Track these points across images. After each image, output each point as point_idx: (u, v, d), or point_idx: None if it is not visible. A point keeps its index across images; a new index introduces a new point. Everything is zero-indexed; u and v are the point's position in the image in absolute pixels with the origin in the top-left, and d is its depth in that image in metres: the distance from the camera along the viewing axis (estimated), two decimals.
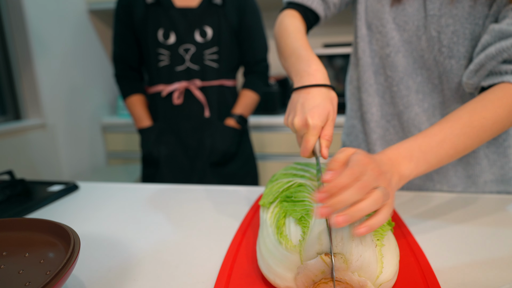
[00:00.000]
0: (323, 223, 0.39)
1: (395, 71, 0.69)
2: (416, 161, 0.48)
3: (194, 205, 0.70)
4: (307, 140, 0.49)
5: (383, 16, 0.68)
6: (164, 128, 1.25)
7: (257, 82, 1.31)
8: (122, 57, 1.26)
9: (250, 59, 1.29)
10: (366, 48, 0.72)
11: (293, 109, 0.52)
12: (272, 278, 0.40)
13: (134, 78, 1.29)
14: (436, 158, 0.49)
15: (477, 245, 0.51)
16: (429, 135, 0.50)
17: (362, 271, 0.36)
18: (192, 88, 1.21)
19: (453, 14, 0.62)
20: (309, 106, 0.50)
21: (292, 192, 0.48)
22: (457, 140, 0.50)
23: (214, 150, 1.24)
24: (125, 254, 0.51)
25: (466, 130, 0.50)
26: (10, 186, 0.74)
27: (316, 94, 0.51)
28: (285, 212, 0.45)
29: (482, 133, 0.51)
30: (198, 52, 1.19)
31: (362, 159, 0.40)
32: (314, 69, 0.54)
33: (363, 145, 0.80)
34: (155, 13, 1.17)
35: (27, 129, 1.78)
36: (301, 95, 0.52)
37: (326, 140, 0.50)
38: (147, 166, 1.29)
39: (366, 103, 0.75)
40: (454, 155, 0.50)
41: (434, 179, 0.75)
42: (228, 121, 1.26)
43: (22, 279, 0.40)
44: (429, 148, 0.49)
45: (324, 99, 0.51)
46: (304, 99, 0.51)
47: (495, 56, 0.55)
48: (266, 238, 0.44)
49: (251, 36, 1.26)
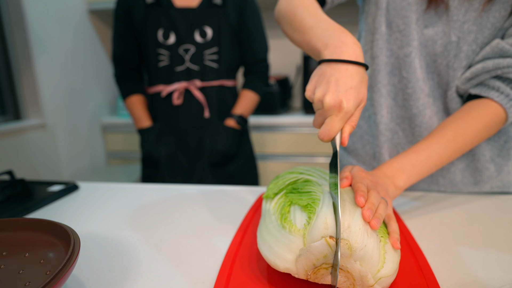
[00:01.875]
0: (330, 211, 0.39)
1: (413, 73, 0.68)
2: (408, 173, 0.56)
3: (194, 205, 0.70)
4: (333, 124, 0.44)
5: (407, 15, 0.66)
6: (164, 129, 1.25)
7: (257, 83, 1.31)
8: (122, 57, 1.26)
9: (250, 60, 1.29)
10: (384, 46, 0.70)
11: (326, 83, 0.45)
12: (272, 259, 0.40)
13: (134, 78, 1.29)
14: (425, 169, 0.57)
15: (477, 245, 0.51)
16: (418, 150, 0.58)
17: (364, 261, 0.36)
18: (192, 88, 1.21)
19: (478, 22, 0.62)
20: (346, 86, 0.44)
21: (299, 185, 0.48)
22: (442, 152, 0.58)
23: (214, 151, 1.23)
24: (125, 254, 0.51)
25: (450, 145, 0.58)
26: (10, 186, 0.74)
27: (354, 73, 0.45)
28: (291, 201, 0.45)
29: (463, 146, 0.59)
30: (198, 52, 1.19)
31: (362, 174, 0.49)
32: (352, 42, 0.46)
33: (368, 147, 0.78)
34: (155, 13, 1.17)
35: (27, 129, 1.78)
36: (336, 69, 0.45)
37: (352, 126, 0.45)
38: (147, 166, 1.29)
39: (377, 104, 0.73)
40: (440, 165, 0.58)
41: (439, 182, 0.75)
42: (228, 121, 1.26)
43: (22, 279, 0.40)
44: (419, 162, 0.57)
45: (361, 81, 0.45)
46: (341, 75, 0.44)
47: (490, 71, 0.61)
48: (269, 224, 0.44)
49: (251, 36, 1.25)
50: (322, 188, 0.46)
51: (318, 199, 0.42)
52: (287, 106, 2.26)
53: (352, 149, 0.82)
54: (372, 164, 0.79)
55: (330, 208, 0.40)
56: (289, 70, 2.42)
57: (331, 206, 0.41)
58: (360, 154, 0.80)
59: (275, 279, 0.42)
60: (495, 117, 0.60)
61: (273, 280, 0.42)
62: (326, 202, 0.41)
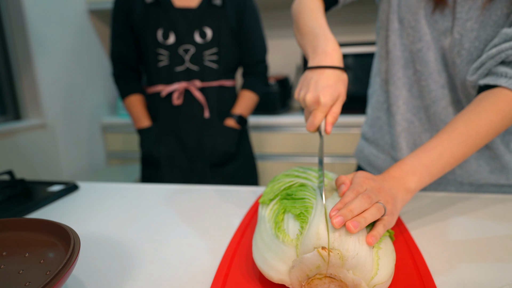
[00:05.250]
0: (322, 220, 0.39)
1: (425, 66, 0.70)
2: (419, 174, 0.51)
3: (193, 205, 0.70)
4: (315, 115, 0.53)
5: (417, 12, 0.68)
6: (164, 129, 1.25)
7: (257, 83, 1.32)
8: (120, 56, 1.25)
9: (249, 60, 1.30)
10: (397, 41, 0.73)
11: (306, 86, 0.55)
12: (266, 270, 0.40)
13: (132, 77, 1.28)
14: (437, 169, 0.52)
15: (477, 245, 0.51)
16: (428, 148, 0.53)
17: (357, 270, 0.36)
18: (192, 88, 1.21)
19: (480, 20, 0.62)
20: (322, 84, 0.53)
21: (293, 190, 0.48)
22: (455, 149, 0.53)
23: (215, 151, 1.24)
24: (125, 254, 0.51)
25: (462, 139, 0.54)
26: (10, 186, 0.74)
27: (330, 74, 0.54)
28: (285, 209, 0.45)
29: (478, 140, 0.54)
30: (197, 52, 1.19)
31: (361, 180, 0.46)
32: (331, 49, 0.56)
33: (387, 136, 0.81)
34: (154, 13, 1.17)
35: (27, 129, 1.78)
36: (316, 73, 0.55)
37: (333, 117, 0.53)
38: (147, 166, 1.29)
39: (393, 95, 0.76)
40: (454, 163, 0.54)
41: (456, 173, 0.75)
42: (227, 121, 1.26)
43: (22, 279, 0.40)
44: (430, 161, 0.52)
45: (337, 80, 0.54)
46: (318, 77, 0.54)
47: (494, 56, 0.58)
48: (263, 232, 0.44)
49: (250, 37, 1.27)
50: (316, 193, 0.46)
51: (311, 207, 0.42)
52: (287, 106, 2.26)
53: (373, 140, 0.86)
54: (391, 153, 0.81)
55: (322, 217, 0.40)
56: (289, 70, 2.42)
57: (323, 214, 0.41)
58: (379, 144, 0.84)
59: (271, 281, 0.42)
60: (509, 104, 0.55)
61: (269, 282, 0.42)
62: (319, 209, 0.41)
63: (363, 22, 2.23)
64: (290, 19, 2.32)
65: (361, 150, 0.90)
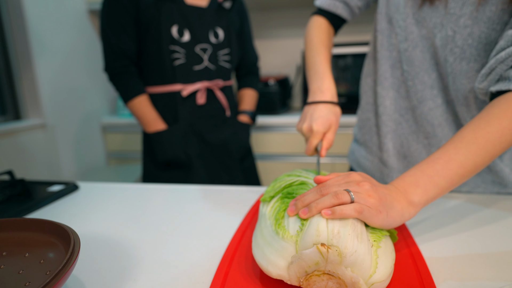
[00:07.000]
0: (322, 217, 0.39)
1: (412, 65, 0.70)
2: (423, 186, 0.47)
3: (194, 205, 0.70)
4: (310, 141, 0.64)
5: (403, 11, 0.68)
6: (189, 129, 1.21)
7: (256, 82, 1.44)
8: (122, 49, 1.13)
9: (248, 62, 1.40)
10: (385, 41, 0.73)
11: (304, 118, 0.67)
12: (265, 265, 0.40)
13: (135, 74, 1.18)
14: (445, 180, 0.48)
15: (477, 244, 0.51)
16: (433, 159, 0.49)
17: (356, 267, 0.36)
18: (214, 88, 1.23)
19: (473, 16, 0.61)
20: (316, 116, 0.65)
21: (294, 189, 0.48)
22: (464, 158, 0.48)
23: (238, 147, 1.28)
24: (125, 254, 0.51)
25: (471, 148, 0.49)
26: (10, 186, 0.74)
27: (323, 108, 0.65)
28: (285, 206, 0.45)
29: (490, 148, 0.49)
30: (213, 52, 1.21)
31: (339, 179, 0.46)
32: (325, 88, 0.68)
33: (375, 138, 0.81)
34: (167, 8, 1.12)
35: (27, 129, 1.78)
36: (311, 108, 0.67)
37: (327, 143, 0.64)
38: (172, 169, 1.21)
39: (379, 96, 0.76)
40: (464, 173, 0.49)
41: None
42: (241, 117, 1.33)
43: (22, 279, 0.40)
44: (435, 172, 0.48)
45: (329, 112, 0.65)
46: (313, 111, 0.66)
47: (504, 60, 0.54)
48: (264, 229, 0.44)
49: (248, 39, 1.36)
50: None
51: None
52: (287, 106, 2.26)
53: (362, 141, 0.86)
54: (378, 154, 0.81)
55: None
56: (289, 70, 2.42)
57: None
58: (368, 145, 0.84)
59: (270, 281, 0.42)
60: None
61: (268, 281, 0.42)
62: None
63: (362, 22, 2.23)
64: (290, 19, 2.32)
65: (352, 152, 0.90)
